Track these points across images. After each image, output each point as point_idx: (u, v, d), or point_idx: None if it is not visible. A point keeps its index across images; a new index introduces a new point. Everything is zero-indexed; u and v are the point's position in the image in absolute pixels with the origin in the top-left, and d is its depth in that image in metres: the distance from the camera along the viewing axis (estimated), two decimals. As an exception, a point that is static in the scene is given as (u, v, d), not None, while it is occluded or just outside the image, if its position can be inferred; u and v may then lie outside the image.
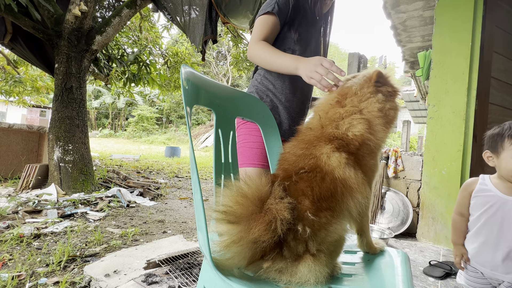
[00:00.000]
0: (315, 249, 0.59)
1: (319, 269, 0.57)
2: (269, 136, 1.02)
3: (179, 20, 4.01)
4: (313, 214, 0.60)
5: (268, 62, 0.98)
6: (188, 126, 0.61)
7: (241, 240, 0.56)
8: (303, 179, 0.65)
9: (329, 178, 0.64)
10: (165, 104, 23.58)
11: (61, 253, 1.74)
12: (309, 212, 0.61)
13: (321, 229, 0.60)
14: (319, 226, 0.60)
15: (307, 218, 0.60)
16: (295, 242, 0.59)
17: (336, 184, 0.63)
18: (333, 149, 0.67)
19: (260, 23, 1.04)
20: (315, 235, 0.59)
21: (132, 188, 3.86)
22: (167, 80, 6.20)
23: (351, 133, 0.70)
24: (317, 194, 0.63)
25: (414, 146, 12.54)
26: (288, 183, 0.65)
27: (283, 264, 0.59)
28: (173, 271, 1.61)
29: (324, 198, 0.62)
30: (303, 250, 0.59)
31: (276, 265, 0.59)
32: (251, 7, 3.85)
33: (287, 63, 0.92)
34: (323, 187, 0.63)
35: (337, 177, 0.64)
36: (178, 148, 10.70)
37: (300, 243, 0.59)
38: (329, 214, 0.62)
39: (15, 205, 2.62)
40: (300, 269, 0.57)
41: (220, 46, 21.44)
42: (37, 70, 6.78)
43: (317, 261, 0.58)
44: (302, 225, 0.59)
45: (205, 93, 0.80)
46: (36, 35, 3.51)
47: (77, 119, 3.54)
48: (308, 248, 0.59)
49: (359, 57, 3.14)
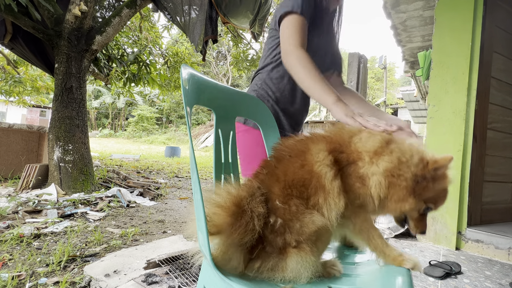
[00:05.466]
0: (294, 241, 0.58)
1: (305, 259, 0.58)
2: (269, 136, 1.02)
3: (179, 20, 4.01)
4: (282, 202, 0.60)
5: (305, 85, 0.88)
6: (188, 126, 0.61)
7: (229, 249, 0.57)
8: (282, 163, 0.65)
9: (307, 168, 0.62)
10: (165, 104, 23.59)
11: (61, 253, 1.74)
12: (278, 200, 0.61)
13: (293, 219, 0.59)
14: (290, 215, 0.59)
15: (276, 207, 0.60)
16: (272, 235, 0.59)
17: (312, 176, 0.61)
18: (327, 150, 0.64)
19: (294, 24, 0.94)
20: (289, 226, 0.59)
21: (132, 188, 3.86)
22: (167, 80, 6.20)
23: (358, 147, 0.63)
24: (289, 180, 0.62)
25: (414, 146, 12.53)
26: (267, 171, 0.65)
27: (272, 261, 0.59)
28: (173, 271, 1.61)
29: (295, 185, 0.62)
30: (282, 242, 0.59)
31: (266, 263, 0.59)
32: (251, 7, 3.86)
33: (325, 99, 0.82)
34: (298, 173, 0.62)
35: (315, 171, 0.61)
36: (178, 148, 10.70)
37: (277, 236, 0.59)
38: (299, 202, 0.60)
39: (15, 205, 2.62)
40: (288, 263, 0.58)
41: (220, 46, 21.44)
42: (37, 70, 6.78)
43: (302, 252, 0.58)
44: (274, 216, 0.59)
45: (205, 93, 0.80)
46: (36, 35, 3.51)
47: (77, 119, 3.54)
48: (286, 241, 0.58)
49: (359, 57, 3.14)
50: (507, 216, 2.70)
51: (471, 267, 1.98)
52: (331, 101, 0.80)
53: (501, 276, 1.88)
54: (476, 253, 2.27)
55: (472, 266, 2.00)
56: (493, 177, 2.57)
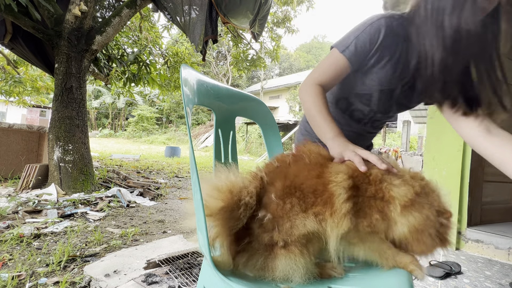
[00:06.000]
0: (282, 240, 0.58)
1: (295, 261, 0.57)
2: (269, 136, 1.02)
3: (179, 20, 4.01)
4: (278, 197, 0.60)
5: (310, 116, 0.83)
6: (188, 126, 0.61)
7: (218, 235, 0.58)
8: (298, 164, 0.65)
9: (323, 181, 0.62)
10: (165, 104, 23.59)
11: (61, 253, 1.74)
12: (275, 194, 0.60)
13: (284, 217, 0.59)
14: (282, 212, 0.59)
15: (270, 201, 0.60)
16: (260, 230, 0.59)
17: (325, 189, 0.61)
18: (347, 174, 0.63)
19: (330, 60, 0.84)
20: (279, 224, 0.58)
21: (132, 188, 3.86)
22: (167, 80, 6.19)
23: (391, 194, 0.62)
24: (298, 182, 0.61)
25: (414, 146, 12.55)
26: (279, 165, 0.66)
27: (260, 259, 0.59)
28: (173, 271, 1.61)
29: (303, 189, 0.61)
30: (269, 240, 0.58)
31: (254, 260, 0.59)
32: (251, 7, 3.86)
33: (324, 133, 0.79)
34: (311, 180, 0.62)
35: (329, 188, 0.61)
36: (178, 148, 10.69)
37: (265, 232, 0.59)
38: (296, 202, 0.60)
39: (15, 205, 2.62)
40: (277, 264, 0.58)
41: (220, 46, 21.44)
42: (37, 70, 6.78)
43: (291, 254, 0.58)
44: (264, 210, 0.59)
45: (205, 93, 0.79)
46: (36, 35, 3.50)
47: (77, 119, 3.54)
48: (273, 239, 0.58)
49: (359, 57, 3.13)
50: (507, 216, 2.70)
51: (471, 267, 1.98)
52: (329, 136, 0.76)
53: (501, 276, 1.88)
54: (476, 253, 2.27)
55: (472, 266, 2.00)
56: (493, 177, 2.57)
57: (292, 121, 16.37)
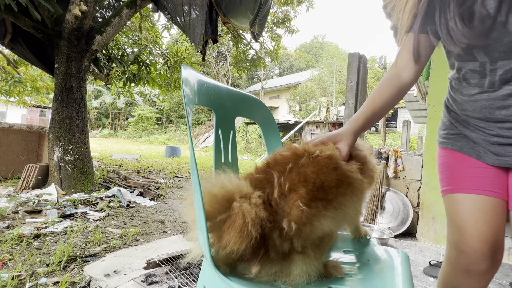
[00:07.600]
0: (300, 246, 0.56)
1: (309, 265, 0.57)
2: (269, 136, 1.02)
3: (179, 20, 4.01)
4: (305, 204, 0.56)
5: None
6: (188, 126, 0.61)
7: (214, 245, 0.56)
8: (312, 164, 0.63)
9: (339, 172, 0.64)
10: (165, 104, 23.59)
11: (61, 253, 1.74)
12: (301, 201, 0.56)
13: (307, 224, 0.56)
14: (307, 218, 0.56)
15: (296, 210, 0.56)
16: (280, 240, 0.55)
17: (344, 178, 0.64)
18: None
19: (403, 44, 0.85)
20: (300, 231, 0.55)
21: (132, 188, 3.86)
22: (167, 80, 6.19)
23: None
24: (319, 182, 0.59)
25: (414, 146, 12.54)
26: (291, 165, 0.62)
27: (274, 267, 0.56)
28: (173, 271, 1.61)
29: (326, 187, 0.60)
30: (289, 247, 0.56)
31: (268, 269, 0.56)
32: (251, 7, 3.85)
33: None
34: (331, 174, 0.62)
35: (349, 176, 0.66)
36: (178, 148, 10.69)
37: (285, 241, 0.55)
38: (321, 204, 0.58)
39: (15, 205, 2.62)
40: (293, 269, 0.56)
41: (220, 46, 21.45)
42: (37, 70, 6.78)
43: (307, 258, 0.56)
44: (287, 221, 0.55)
45: (205, 93, 0.80)
46: (36, 35, 3.51)
47: (77, 119, 3.54)
48: (293, 246, 0.56)
49: (359, 57, 3.14)
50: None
51: (471, 267, 1.98)
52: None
53: (501, 276, 1.88)
54: (476, 253, 2.26)
55: (472, 266, 2.00)
56: (493, 177, 2.57)
57: (292, 121, 16.38)
